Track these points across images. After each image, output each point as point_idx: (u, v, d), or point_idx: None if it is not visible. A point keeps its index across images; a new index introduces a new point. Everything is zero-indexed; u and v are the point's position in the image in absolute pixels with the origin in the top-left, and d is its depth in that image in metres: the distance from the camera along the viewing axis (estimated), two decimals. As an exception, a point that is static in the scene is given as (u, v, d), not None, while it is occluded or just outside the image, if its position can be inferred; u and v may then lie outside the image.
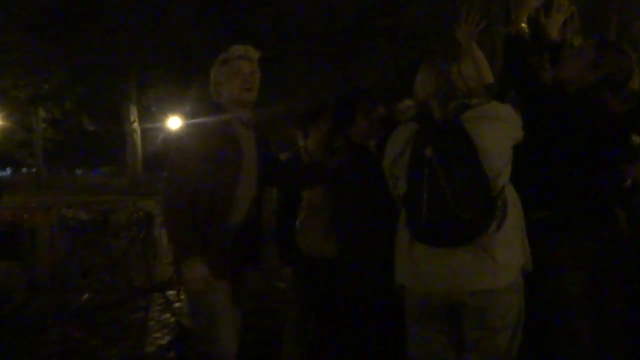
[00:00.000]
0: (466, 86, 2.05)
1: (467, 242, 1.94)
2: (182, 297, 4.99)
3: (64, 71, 24.45)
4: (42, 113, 28.30)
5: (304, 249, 2.87)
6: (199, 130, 2.44)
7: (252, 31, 19.52)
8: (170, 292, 5.29)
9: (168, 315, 4.85)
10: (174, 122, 25.16)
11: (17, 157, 32.98)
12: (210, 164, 2.34)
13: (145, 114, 26.06)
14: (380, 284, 2.42)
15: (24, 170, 41.89)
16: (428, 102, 2.09)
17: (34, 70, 24.90)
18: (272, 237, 3.16)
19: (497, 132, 1.96)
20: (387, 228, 2.29)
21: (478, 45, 2.44)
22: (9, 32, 22.49)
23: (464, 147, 1.92)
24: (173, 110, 23.78)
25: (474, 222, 1.90)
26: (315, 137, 3.01)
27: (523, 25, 2.37)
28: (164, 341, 4.18)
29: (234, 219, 2.41)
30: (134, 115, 25.75)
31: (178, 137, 2.53)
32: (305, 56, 19.70)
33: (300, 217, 2.90)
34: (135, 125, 25.80)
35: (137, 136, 25.99)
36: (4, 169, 43.67)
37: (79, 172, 48.34)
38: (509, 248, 1.97)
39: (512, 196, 2.02)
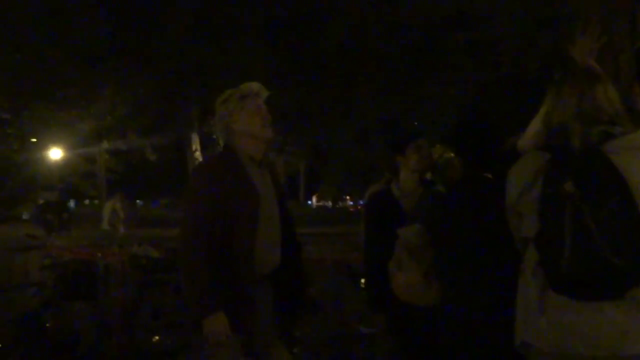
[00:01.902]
0: (613, 109, 1.91)
1: (618, 295, 1.75)
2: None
3: (126, 103, 25.96)
4: (105, 144, 30.09)
5: (400, 293, 2.78)
6: (210, 173, 2.44)
7: (317, 54, 19.94)
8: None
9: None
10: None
11: (81, 188, 34.99)
12: (224, 209, 2.33)
13: (208, 142, 26.99)
14: (490, 338, 2.29)
15: (87, 202, 44.37)
16: (562, 129, 1.93)
17: (97, 103, 26.64)
18: (361, 278, 3.11)
19: None
20: (501, 273, 2.17)
21: (598, 64, 2.28)
22: (72, 65, 24.25)
23: (612, 181, 1.75)
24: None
25: (628, 270, 1.71)
26: (408, 168, 2.95)
27: None
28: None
29: (260, 264, 2.39)
30: (195, 143, 26.77)
31: (190, 180, 2.52)
32: (377, 77, 19.81)
33: (394, 258, 2.82)
34: (198, 154, 26.77)
35: (200, 165, 26.96)
36: (68, 200, 46.55)
37: (140, 203, 50.66)
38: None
39: None
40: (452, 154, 2.83)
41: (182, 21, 22.43)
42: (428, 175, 3.08)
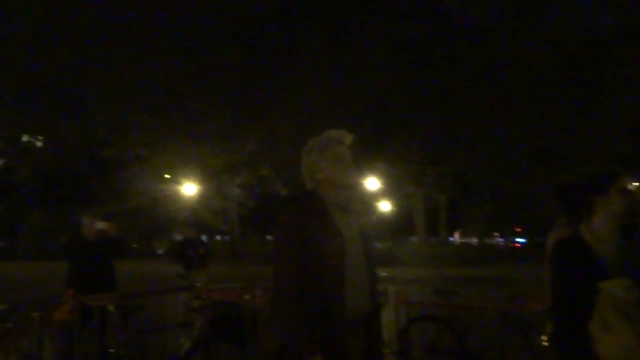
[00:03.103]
0: None
1: None
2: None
3: (258, 138, 27.60)
4: (236, 179, 32.07)
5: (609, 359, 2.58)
6: (297, 210, 2.57)
7: (457, 78, 19.71)
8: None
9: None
10: (371, 183, 26.18)
11: (213, 224, 37.37)
12: (313, 249, 2.44)
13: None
14: None
15: (218, 237, 47.28)
16: None
17: (229, 138, 28.63)
18: (551, 338, 2.94)
19: None
20: None
21: None
22: (206, 102, 26.38)
23: None
24: (370, 169, 24.80)
25: None
26: (609, 211, 2.78)
27: None
28: None
29: (351, 310, 2.47)
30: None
31: (276, 228, 2.63)
32: (530, 99, 19.07)
33: (598, 317, 2.64)
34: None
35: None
36: (199, 236, 49.90)
37: (269, 238, 52.93)
38: None
39: None
40: None
41: (316, 52, 23.47)
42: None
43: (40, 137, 37.30)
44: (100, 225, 6.45)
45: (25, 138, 38.72)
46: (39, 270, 22.90)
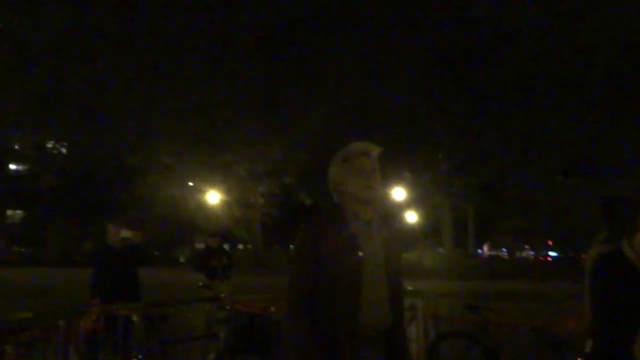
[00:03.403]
0: None
1: None
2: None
3: (283, 146, 27.71)
4: (260, 188, 32.23)
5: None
6: (315, 232, 2.56)
7: (484, 85, 19.53)
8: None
9: None
10: (398, 193, 26.09)
11: (236, 233, 37.58)
12: (327, 269, 2.47)
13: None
14: None
15: (240, 246, 47.50)
16: None
17: (254, 146, 28.80)
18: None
19: None
20: None
21: None
22: (231, 110, 26.60)
23: None
24: (397, 178, 24.71)
25: None
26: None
27: None
28: None
29: (365, 326, 2.47)
30: (353, 187, 27.54)
31: (298, 235, 2.64)
32: (564, 108, 18.80)
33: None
34: (355, 197, 27.47)
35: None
36: (222, 245, 50.24)
37: (292, 247, 53.05)
38: None
39: None
40: None
41: (343, 61, 23.51)
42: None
43: (65, 144, 38.03)
44: (125, 233, 6.53)
45: (50, 145, 39.52)
46: (64, 277, 23.24)
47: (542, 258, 41.70)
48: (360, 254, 2.54)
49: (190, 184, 34.68)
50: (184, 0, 24.50)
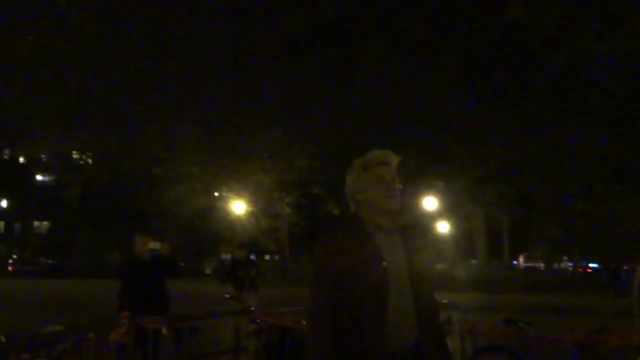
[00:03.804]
0: None
1: None
2: None
3: (310, 155, 27.76)
4: (287, 198, 32.32)
5: None
6: (334, 247, 2.54)
7: (519, 91, 19.31)
8: None
9: None
10: (429, 203, 25.93)
11: (262, 243, 37.70)
12: (350, 284, 2.45)
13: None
14: None
15: (267, 257, 47.61)
16: None
17: (281, 155, 28.92)
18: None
19: None
20: None
21: None
22: (257, 118, 26.75)
23: None
24: (427, 188, 24.57)
25: None
26: None
27: None
28: None
29: (390, 341, 2.42)
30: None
31: (314, 255, 2.62)
32: (601, 115, 18.48)
33: None
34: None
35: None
36: (248, 257, 50.44)
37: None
38: None
39: None
40: None
41: (373, 67, 23.51)
42: None
43: (91, 154, 38.68)
44: (153, 244, 6.56)
45: (75, 155, 40.25)
46: (90, 288, 23.61)
47: (581, 270, 40.87)
48: (385, 264, 2.51)
49: (216, 194, 34.94)
50: (210, 9, 24.73)
